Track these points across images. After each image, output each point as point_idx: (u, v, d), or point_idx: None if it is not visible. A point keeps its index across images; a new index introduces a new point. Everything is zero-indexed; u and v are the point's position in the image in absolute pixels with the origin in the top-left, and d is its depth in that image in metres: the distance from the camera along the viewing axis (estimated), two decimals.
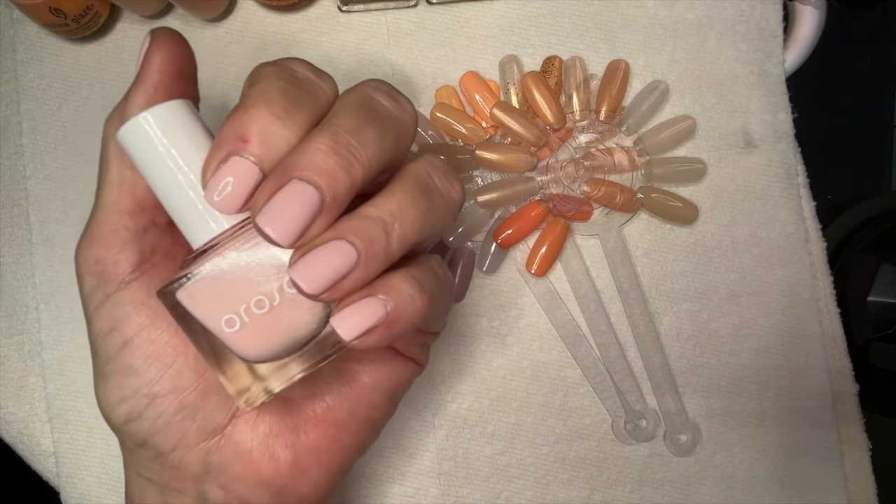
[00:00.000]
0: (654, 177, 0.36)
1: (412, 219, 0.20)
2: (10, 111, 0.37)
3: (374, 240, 0.20)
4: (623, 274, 0.36)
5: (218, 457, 0.24)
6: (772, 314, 0.37)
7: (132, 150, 0.21)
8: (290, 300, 0.21)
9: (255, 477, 0.24)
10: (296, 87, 0.21)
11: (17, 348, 0.37)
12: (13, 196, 0.37)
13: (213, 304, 0.21)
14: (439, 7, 0.37)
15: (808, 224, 0.37)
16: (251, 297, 0.21)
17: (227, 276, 0.21)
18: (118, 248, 0.23)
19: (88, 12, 0.34)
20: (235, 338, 0.21)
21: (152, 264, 0.23)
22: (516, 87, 0.36)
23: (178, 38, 0.23)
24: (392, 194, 0.21)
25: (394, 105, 0.22)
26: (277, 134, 0.20)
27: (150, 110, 0.21)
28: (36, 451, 0.37)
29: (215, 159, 0.20)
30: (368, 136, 0.20)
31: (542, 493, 0.36)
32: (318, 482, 0.25)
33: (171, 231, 0.24)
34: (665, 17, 0.37)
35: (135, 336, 0.23)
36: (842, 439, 0.37)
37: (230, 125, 0.20)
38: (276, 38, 0.37)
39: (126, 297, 0.23)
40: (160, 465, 0.24)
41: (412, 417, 0.36)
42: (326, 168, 0.19)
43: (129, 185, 0.23)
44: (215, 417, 0.24)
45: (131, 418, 0.23)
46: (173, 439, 0.23)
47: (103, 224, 0.23)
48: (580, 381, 0.37)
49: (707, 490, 0.37)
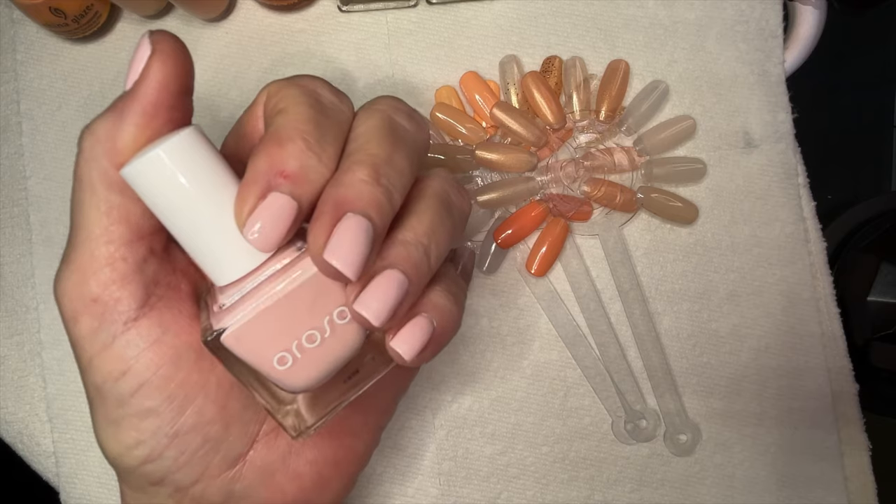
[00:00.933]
0: (654, 177, 0.36)
1: (443, 238, 0.21)
2: (10, 111, 0.37)
3: (419, 264, 0.20)
4: (623, 274, 0.36)
5: (241, 484, 0.23)
6: (772, 314, 0.37)
7: (143, 188, 0.20)
8: (340, 330, 0.21)
9: (280, 498, 0.24)
10: (323, 114, 0.21)
11: (17, 348, 0.37)
12: (13, 196, 0.37)
13: (263, 344, 0.20)
14: (439, 7, 0.37)
15: (808, 224, 0.37)
16: (302, 332, 0.20)
17: (272, 314, 0.20)
18: (118, 283, 0.21)
19: (88, 12, 0.34)
20: (285, 374, 0.21)
21: (158, 297, 0.21)
22: (516, 87, 0.36)
23: (182, 49, 0.21)
24: (422, 215, 0.21)
25: (413, 125, 0.22)
26: (314, 169, 0.20)
27: (162, 146, 0.19)
28: (36, 451, 0.37)
29: (252, 196, 0.19)
30: (400, 164, 0.21)
31: (542, 493, 0.36)
32: (338, 492, 0.25)
33: (168, 258, 0.22)
34: (665, 17, 0.37)
35: (152, 377, 0.21)
36: (842, 439, 0.37)
37: (265, 159, 0.19)
38: (276, 38, 0.37)
39: (137, 336, 0.21)
40: (177, 500, 0.23)
41: (412, 417, 0.36)
42: (374, 200, 0.19)
43: (121, 211, 0.20)
44: (237, 446, 0.23)
45: (150, 460, 0.22)
46: (195, 473, 0.22)
47: (94, 257, 0.20)
48: (580, 381, 0.37)
49: (707, 490, 0.37)
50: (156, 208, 0.20)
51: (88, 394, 0.22)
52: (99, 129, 0.20)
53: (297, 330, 0.20)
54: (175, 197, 0.19)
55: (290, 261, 0.20)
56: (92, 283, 0.21)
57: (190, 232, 0.20)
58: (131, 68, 0.20)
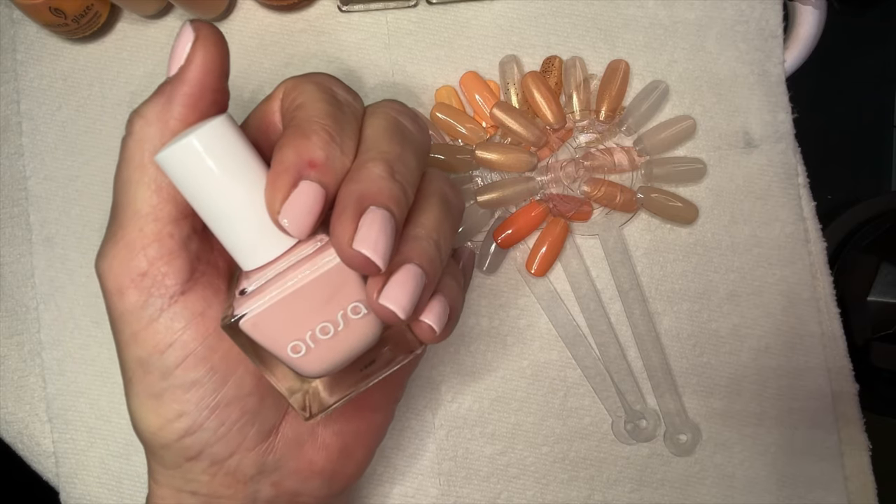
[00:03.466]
0: (654, 177, 0.36)
1: (448, 232, 0.23)
2: (10, 111, 0.37)
3: (433, 259, 0.22)
4: (623, 274, 0.36)
5: (273, 456, 0.24)
6: (772, 314, 0.37)
7: (176, 174, 0.20)
8: (354, 324, 0.22)
9: (308, 468, 0.25)
10: (340, 110, 0.22)
11: (17, 348, 0.37)
12: (13, 196, 0.37)
13: (279, 331, 0.21)
14: (439, 7, 0.37)
15: (808, 224, 0.37)
16: (316, 323, 0.21)
17: (289, 304, 0.21)
18: (166, 258, 0.22)
19: (88, 12, 0.34)
20: (300, 361, 0.21)
21: (201, 273, 0.23)
22: (516, 87, 0.36)
23: (221, 36, 0.22)
24: (429, 213, 0.22)
25: (416, 127, 0.23)
26: (338, 159, 0.21)
27: (196, 133, 0.20)
28: (36, 451, 0.37)
29: (285, 184, 0.20)
30: (410, 162, 0.22)
31: (542, 493, 0.36)
32: (361, 462, 0.27)
33: (207, 236, 0.23)
34: (665, 17, 0.37)
35: (198, 347, 0.22)
36: (842, 439, 0.37)
37: (293, 149, 0.20)
38: (276, 38, 0.37)
39: (184, 309, 0.22)
40: (211, 475, 0.23)
41: (412, 417, 0.36)
42: (392, 194, 0.20)
43: (170, 191, 0.21)
44: (271, 418, 0.24)
45: (191, 432, 0.23)
46: (232, 445, 0.23)
47: (143, 233, 0.21)
48: (580, 381, 0.37)
49: (707, 490, 0.37)
50: (188, 193, 0.21)
51: (128, 369, 0.23)
52: (149, 112, 0.21)
53: (311, 321, 0.21)
54: (206, 183, 0.20)
55: (310, 252, 0.21)
56: (140, 258, 0.21)
57: (220, 217, 0.21)
58: (174, 55, 0.21)
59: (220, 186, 0.20)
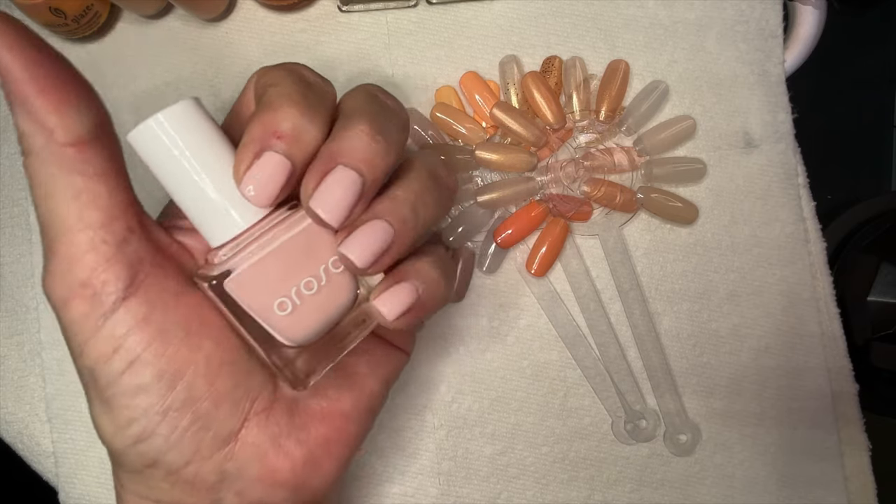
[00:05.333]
0: (654, 177, 0.36)
1: (431, 203, 0.23)
2: (10, 111, 0.37)
3: (406, 219, 0.22)
4: (623, 274, 0.36)
5: (233, 463, 0.23)
6: (772, 314, 0.37)
7: (146, 152, 0.21)
8: (334, 279, 0.22)
9: (271, 477, 0.24)
10: (310, 90, 0.22)
11: (17, 348, 0.37)
12: (13, 196, 0.37)
13: (264, 289, 0.22)
14: (439, 7, 0.37)
15: (808, 224, 0.37)
16: (300, 278, 0.22)
17: (271, 262, 0.21)
18: (103, 265, 0.21)
19: (88, 12, 0.34)
20: (285, 322, 0.22)
21: (145, 275, 0.22)
22: (516, 87, 0.36)
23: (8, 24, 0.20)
24: (412, 181, 0.23)
25: (393, 102, 0.24)
26: (307, 130, 0.21)
27: (163, 111, 0.21)
28: (35, 451, 0.37)
29: (249, 154, 0.21)
30: (389, 127, 0.22)
31: (542, 493, 0.36)
32: (329, 474, 0.26)
33: (149, 236, 0.22)
34: (665, 17, 0.37)
35: (143, 353, 0.22)
36: (842, 439, 0.37)
37: (260, 122, 0.21)
38: (276, 38, 0.37)
39: (126, 315, 0.21)
40: (171, 483, 0.23)
41: (412, 417, 0.36)
42: (366, 155, 0.21)
43: (90, 196, 0.21)
44: (228, 424, 0.23)
45: (142, 438, 0.22)
46: (188, 453, 0.23)
47: (75, 244, 0.21)
48: (580, 381, 0.37)
49: (707, 490, 0.37)
50: (157, 170, 0.22)
51: (83, 380, 0.22)
52: (24, 128, 0.21)
53: (295, 276, 0.22)
54: (172, 160, 0.21)
55: (284, 217, 0.22)
56: (77, 269, 0.21)
57: (189, 193, 0.22)
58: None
59: (187, 161, 0.21)
